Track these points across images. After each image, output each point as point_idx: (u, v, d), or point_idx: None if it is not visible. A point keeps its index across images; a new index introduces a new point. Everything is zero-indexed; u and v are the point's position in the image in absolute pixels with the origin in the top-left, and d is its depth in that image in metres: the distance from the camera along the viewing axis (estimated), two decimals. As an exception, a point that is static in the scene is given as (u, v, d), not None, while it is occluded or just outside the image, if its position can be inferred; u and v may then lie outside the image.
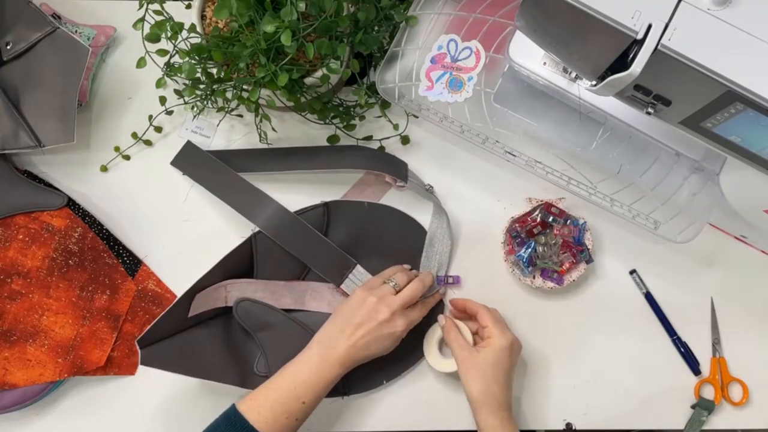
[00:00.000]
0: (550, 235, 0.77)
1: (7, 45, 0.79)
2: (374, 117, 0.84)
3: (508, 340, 0.70)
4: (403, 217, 0.81)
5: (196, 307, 0.76)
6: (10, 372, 0.77)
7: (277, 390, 0.67)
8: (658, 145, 0.72)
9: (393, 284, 0.73)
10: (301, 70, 0.69)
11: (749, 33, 0.50)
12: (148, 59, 0.74)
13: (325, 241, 0.77)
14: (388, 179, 0.80)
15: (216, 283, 0.77)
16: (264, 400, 0.66)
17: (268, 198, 0.79)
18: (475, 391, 0.68)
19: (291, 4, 0.64)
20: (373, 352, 0.70)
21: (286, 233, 0.77)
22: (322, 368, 0.67)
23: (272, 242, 0.77)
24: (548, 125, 0.78)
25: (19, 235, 0.80)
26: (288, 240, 0.77)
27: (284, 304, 0.77)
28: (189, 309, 0.76)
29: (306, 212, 0.79)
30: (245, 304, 0.76)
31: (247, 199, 0.79)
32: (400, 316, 0.70)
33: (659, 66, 0.51)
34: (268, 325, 0.76)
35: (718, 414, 0.77)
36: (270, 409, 0.65)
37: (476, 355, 0.70)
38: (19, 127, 0.78)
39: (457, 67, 0.76)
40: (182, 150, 0.83)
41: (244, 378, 0.75)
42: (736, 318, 0.79)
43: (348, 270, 0.77)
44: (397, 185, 0.81)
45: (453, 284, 0.79)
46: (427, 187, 0.81)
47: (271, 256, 0.78)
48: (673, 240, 0.74)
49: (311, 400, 0.67)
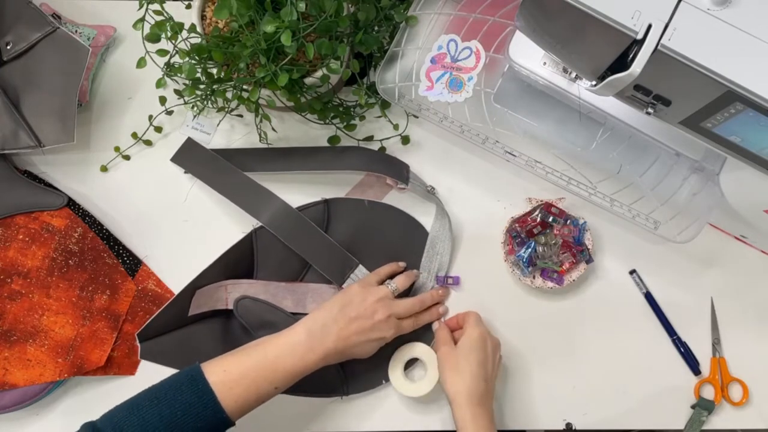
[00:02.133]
0: (550, 235, 0.77)
1: (7, 45, 0.79)
2: (374, 117, 0.84)
3: (480, 331, 0.70)
4: (403, 217, 0.81)
5: (196, 306, 0.76)
6: (10, 372, 0.77)
7: (254, 370, 0.63)
8: (658, 145, 0.72)
9: (393, 288, 0.73)
10: (301, 70, 0.69)
11: (749, 33, 0.50)
12: (148, 59, 0.74)
13: (328, 239, 0.77)
14: (389, 181, 0.80)
15: (216, 278, 0.77)
16: (238, 376, 0.62)
17: (272, 194, 0.79)
18: (448, 385, 0.68)
19: (291, 4, 0.64)
20: (356, 353, 0.69)
21: (289, 230, 0.77)
22: (306, 358, 0.65)
23: (273, 239, 0.77)
24: (548, 125, 0.78)
25: (19, 235, 0.80)
26: (291, 237, 0.77)
27: (285, 306, 0.77)
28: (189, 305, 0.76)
29: (306, 209, 0.79)
30: (245, 302, 0.76)
31: (250, 196, 0.78)
32: (393, 322, 0.70)
33: (659, 66, 0.51)
34: (269, 324, 0.75)
35: (718, 414, 0.77)
36: (244, 389, 0.62)
37: (453, 349, 0.70)
38: (19, 127, 0.78)
39: (457, 67, 0.76)
40: (183, 146, 0.83)
41: None
42: (736, 318, 0.79)
43: (350, 270, 0.77)
44: (398, 187, 0.81)
45: (452, 285, 0.79)
46: (428, 188, 0.81)
47: (271, 253, 0.78)
48: (673, 240, 0.74)
49: (283, 387, 0.65)
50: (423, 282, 0.79)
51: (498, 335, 0.76)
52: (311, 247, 0.77)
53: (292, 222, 0.77)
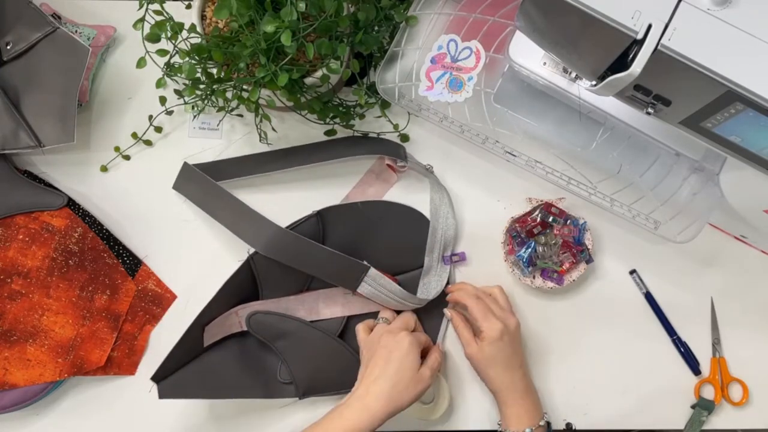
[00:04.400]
0: (550, 235, 0.77)
1: (7, 45, 0.79)
2: (374, 117, 0.84)
3: (498, 332, 0.70)
4: (401, 209, 0.80)
5: (210, 337, 0.76)
6: (10, 372, 0.77)
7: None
8: (658, 145, 0.72)
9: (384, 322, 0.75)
10: (301, 70, 0.69)
11: (749, 33, 0.49)
12: (148, 59, 0.74)
13: (329, 251, 0.74)
14: (389, 161, 0.79)
15: (224, 309, 0.76)
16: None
17: (264, 220, 0.75)
18: (490, 385, 0.72)
19: (291, 4, 0.64)
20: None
21: (289, 253, 0.74)
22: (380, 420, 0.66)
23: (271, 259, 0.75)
24: (548, 125, 0.78)
25: (19, 235, 0.80)
26: (292, 259, 0.74)
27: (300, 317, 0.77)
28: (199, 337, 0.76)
29: (300, 225, 0.78)
30: (258, 317, 0.75)
31: (245, 223, 0.76)
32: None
33: (659, 66, 0.51)
34: (285, 333, 0.75)
35: (718, 414, 0.77)
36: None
37: (479, 350, 0.71)
38: (19, 127, 0.78)
39: (457, 67, 0.76)
40: (180, 172, 0.82)
41: (268, 389, 0.76)
42: (736, 318, 0.79)
43: (363, 273, 0.73)
44: (399, 165, 0.80)
45: (459, 261, 0.79)
46: (427, 166, 0.81)
47: (272, 272, 0.77)
48: (673, 240, 0.74)
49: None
50: (430, 265, 0.78)
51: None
52: (316, 263, 0.74)
53: (289, 244, 0.74)
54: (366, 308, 0.78)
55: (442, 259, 0.79)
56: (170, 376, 0.75)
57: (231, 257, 0.80)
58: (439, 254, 0.79)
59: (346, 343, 0.76)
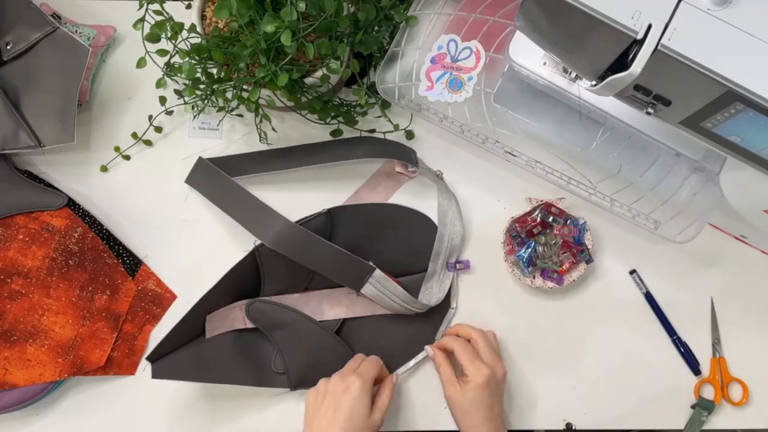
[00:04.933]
0: (550, 235, 0.77)
1: (7, 45, 0.79)
2: (374, 117, 0.84)
3: (484, 377, 0.69)
4: (410, 212, 0.80)
5: (212, 329, 0.76)
6: (10, 372, 0.77)
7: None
8: (658, 145, 0.72)
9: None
10: (301, 70, 0.69)
11: (749, 33, 0.50)
12: (148, 59, 0.74)
13: (337, 249, 0.74)
14: (399, 168, 0.80)
15: (224, 296, 0.77)
16: None
17: (275, 214, 0.76)
18: (461, 427, 0.70)
19: (291, 4, 0.64)
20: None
21: (297, 248, 0.75)
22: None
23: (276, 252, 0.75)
24: (548, 125, 0.78)
25: (19, 235, 0.80)
26: (300, 254, 0.74)
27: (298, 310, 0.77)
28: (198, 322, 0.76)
29: (309, 221, 0.78)
30: (257, 305, 0.75)
31: (255, 216, 0.77)
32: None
33: (659, 66, 0.51)
34: (282, 324, 0.75)
35: (718, 414, 0.77)
36: None
37: (460, 393, 0.69)
38: (19, 127, 0.78)
39: (457, 67, 0.76)
40: (195, 167, 0.83)
41: (260, 377, 0.76)
42: (736, 318, 0.79)
43: (368, 274, 0.73)
44: (409, 171, 0.80)
45: (463, 269, 0.79)
46: (437, 172, 0.81)
47: (277, 265, 0.77)
48: (673, 240, 0.74)
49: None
50: (434, 270, 0.78)
51: (498, 335, 0.77)
52: (322, 260, 0.74)
53: (299, 240, 0.75)
54: (370, 311, 0.78)
55: (446, 265, 0.79)
56: (165, 357, 0.75)
57: (231, 256, 0.80)
58: (444, 260, 0.79)
59: (342, 340, 0.77)
